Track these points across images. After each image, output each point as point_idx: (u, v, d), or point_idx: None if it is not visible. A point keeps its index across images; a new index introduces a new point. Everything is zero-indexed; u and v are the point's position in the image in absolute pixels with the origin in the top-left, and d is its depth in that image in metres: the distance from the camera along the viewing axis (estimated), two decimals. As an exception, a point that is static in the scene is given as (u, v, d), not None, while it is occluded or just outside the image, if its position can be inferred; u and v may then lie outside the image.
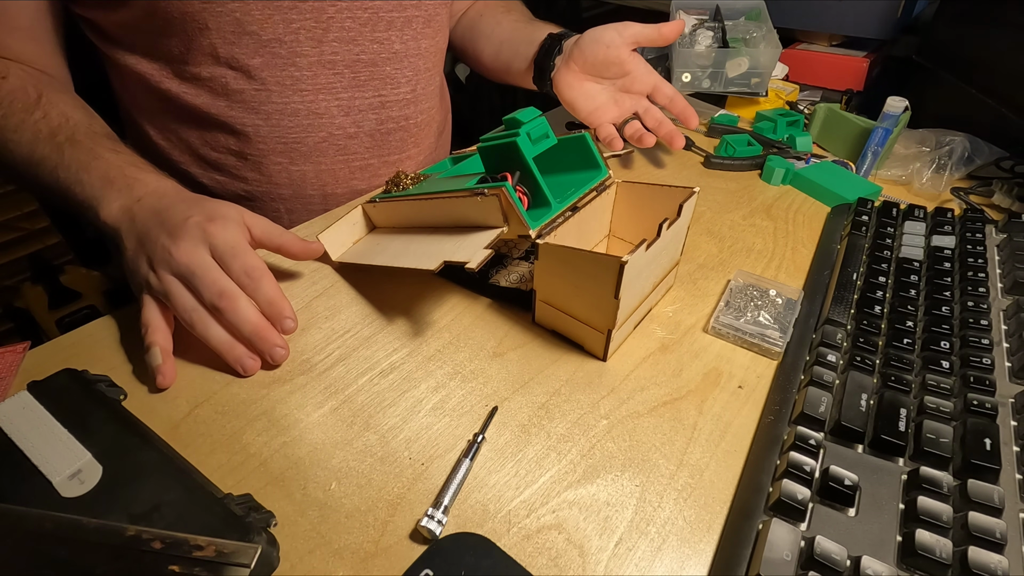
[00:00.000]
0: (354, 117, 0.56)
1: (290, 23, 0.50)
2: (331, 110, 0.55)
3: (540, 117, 0.39)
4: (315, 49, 0.51)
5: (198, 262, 0.37)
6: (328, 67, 0.53)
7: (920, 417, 0.33)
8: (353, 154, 0.58)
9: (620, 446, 0.34)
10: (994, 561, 0.26)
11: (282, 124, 0.54)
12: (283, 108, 0.53)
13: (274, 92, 0.52)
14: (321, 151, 0.56)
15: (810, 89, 0.81)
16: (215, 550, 0.25)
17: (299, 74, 0.52)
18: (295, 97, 0.53)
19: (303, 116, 0.54)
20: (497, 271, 0.47)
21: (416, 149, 0.63)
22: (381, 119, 0.58)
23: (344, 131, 0.56)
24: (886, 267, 0.46)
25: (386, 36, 0.55)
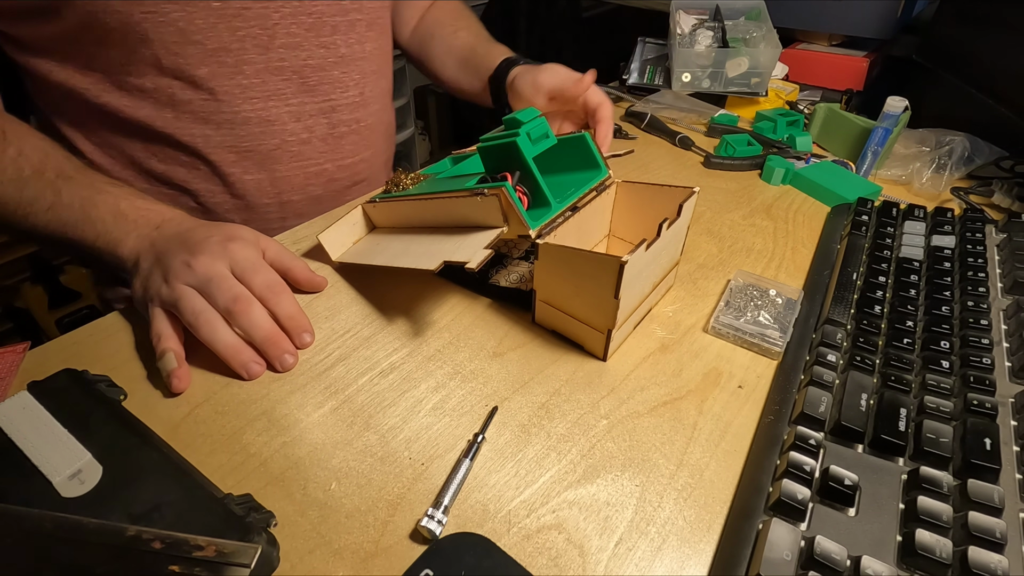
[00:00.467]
0: (305, 122, 0.56)
1: (236, 31, 0.49)
2: (282, 117, 0.54)
3: (540, 117, 0.39)
4: (262, 56, 0.51)
5: (216, 271, 0.38)
6: (276, 73, 0.52)
7: (920, 417, 0.33)
8: (307, 160, 0.57)
9: (620, 446, 0.34)
10: (994, 561, 0.26)
11: (233, 133, 0.53)
12: (233, 117, 0.52)
13: (223, 101, 0.51)
14: (275, 158, 0.55)
15: (810, 89, 0.81)
16: (215, 550, 0.25)
17: (247, 82, 0.51)
18: (245, 105, 0.52)
19: (254, 124, 0.53)
20: (497, 271, 0.47)
21: (369, 152, 0.63)
22: (332, 123, 0.58)
23: (297, 137, 0.56)
24: (886, 267, 0.46)
25: (331, 40, 0.55)
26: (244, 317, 0.37)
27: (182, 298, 0.37)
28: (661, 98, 0.77)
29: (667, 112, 0.75)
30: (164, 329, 0.38)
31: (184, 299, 0.37)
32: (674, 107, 0.76)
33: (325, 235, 0.47)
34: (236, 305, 0.37)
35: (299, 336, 0.40)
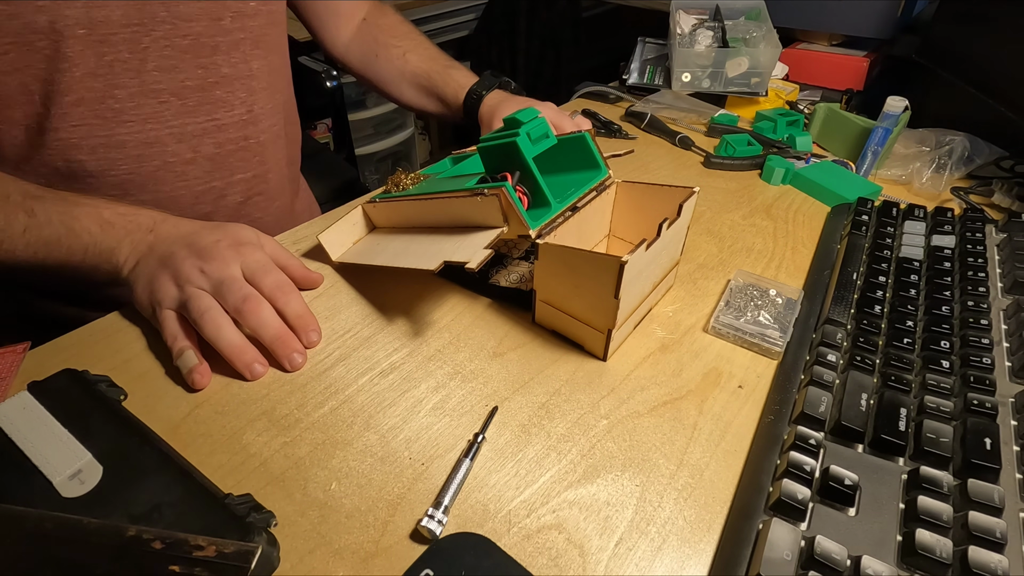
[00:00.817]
0: (189, 143, 0.54)
1: (102, 56, 0.47)
2: (162, 139, 0.52)
3: (540, 117, 0.39)
4: (135, 80, 0.49)
5: (228, 274, 0.38)
6: (152, 96, 0.50)
7: (920, 417, 0.33)
8: (193, 179, 0.55)
9: (620, 446, 0.34)
10: (994, 561, 0.26)
11: (109, 157, 0.50)
12: (107, 141, 0.50)
13: (95, 126, 0.49)
14: (158, 179, 0.53)
15: (810, 89, 0.81)
16: (215, 550, 0.25)
17: (119, 106, 0.49)
18: (119, 129, 0.50)
19: (132, 147, 0.51)
20: (497, 271, 0.47)
21: (263, 167, 0.61)
22: (219, 142, 0.56)
23: (180, 157, 0.54)
24: (886, 267, 0.46)
25: (211, 61, 0.53)
26: (254, 316, 0.38)
27: (192, 298, 0.38)
28: (661, 98, 0.77)
29: (667, 112, 0.75)
30: (178, 330, 0.38)
31: (193, 299, 0.38)
32: (674, 107, 0.76)
33: (325, 235, 0.47)
34: (246, 305, 0.38)
35: (307, 334, 0.40)
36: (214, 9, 0.51)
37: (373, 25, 0.72)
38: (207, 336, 0.37)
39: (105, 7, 0.45)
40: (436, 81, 0.67)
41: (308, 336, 0.40)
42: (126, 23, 0.46)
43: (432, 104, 0.69)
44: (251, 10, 0.54)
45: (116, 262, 0.41)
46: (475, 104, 0.62)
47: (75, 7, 0.44)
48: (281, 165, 0.64)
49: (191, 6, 0.49)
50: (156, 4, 0.47)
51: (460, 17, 1.80)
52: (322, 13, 0.70)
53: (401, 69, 0.69)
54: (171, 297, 0.39)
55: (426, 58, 0.69)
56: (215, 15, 0.51)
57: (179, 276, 0.39)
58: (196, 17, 0.50)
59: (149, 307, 0.40)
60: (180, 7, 0.49)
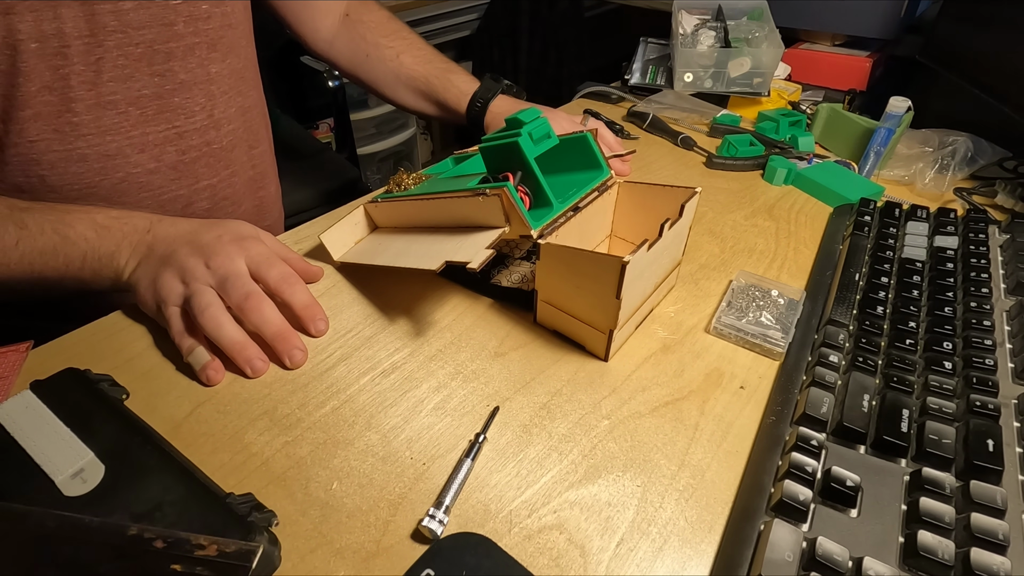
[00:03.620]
0: (151, 152, 0.53)
1: (57, 69, 0.46)
2: (124, 150, 0.51)
3: (542, 117, 0.39)
4: (90, 92, 0.48)
5: (233, 269, 0.39)
6: (110, 107, 0.49)
7: (922, 418, 0.33)
8: (158, 189, 0.54)
9: (622, 446, 0.34)
10: (996, 563, 0.26)
11: (70, 171, 0.49)
12: (67, 155, 0.48)
13: (53, 141, 0.48)
14: (122, 191, 0.52)
15: (812, 89, 0.81)
16: (217, 549, 0.25)
17: (77, 119, 0.48)
18: (79, 143, 0.49)
19: (93, 160, 0.50)
20: (499, 271, 0.47)
21: (227, 171, 0.60)
22: (181, 149, 0.55)
23: (143, 167, 0.52)
24: (888, 267, 0.46)
25: (167, 68, 0.51)
26: (256, 313, 0.38)
27: (195, 294, 0.38)
28: (663, 98, 0.77)
29: (669, 112, 0.75)
30: (185, 327, 0.39)
31: (196, 295, 0.38)
32: (676, 107, 0.76)
33: (327, 235, 0.47)
34: (248, 302, 0.38)
35: (315, 323, 0.41)
36: (165, 15, 0.49)
37: (359, 22, 0.69)
38: (208, 333, 0.38)
39: (56, 20, 0.44)
40: (435, 86, 0.66)
41: (316, 325, 0.41)
42: (77, 35, 0.45)
43: (431, 108, 0.68)
44: (203, 13, 0.52)
45: (116, 266, 0.41)
46: (480, 112, 0.62)
47: (26, 21, 0.43)
48: (245, 168, 0.62)
49: (141, 13, 0.48)
50: (106, 14, 0.46)
51: (462, 17, 1.81)
52: (296, 9, 0.68)
53: (396, 72, 0.67)
54: (176, 294, 0.39)
55: (422, 60, 0.67)
56: (166, 21, 0.50)
57: (184, 273, 0.39)
58: (147, 24, 0.49)
59: (154, 305, 0.40)
60: (130, 15, 0.47)
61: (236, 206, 0.62)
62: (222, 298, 0.39)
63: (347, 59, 0.70)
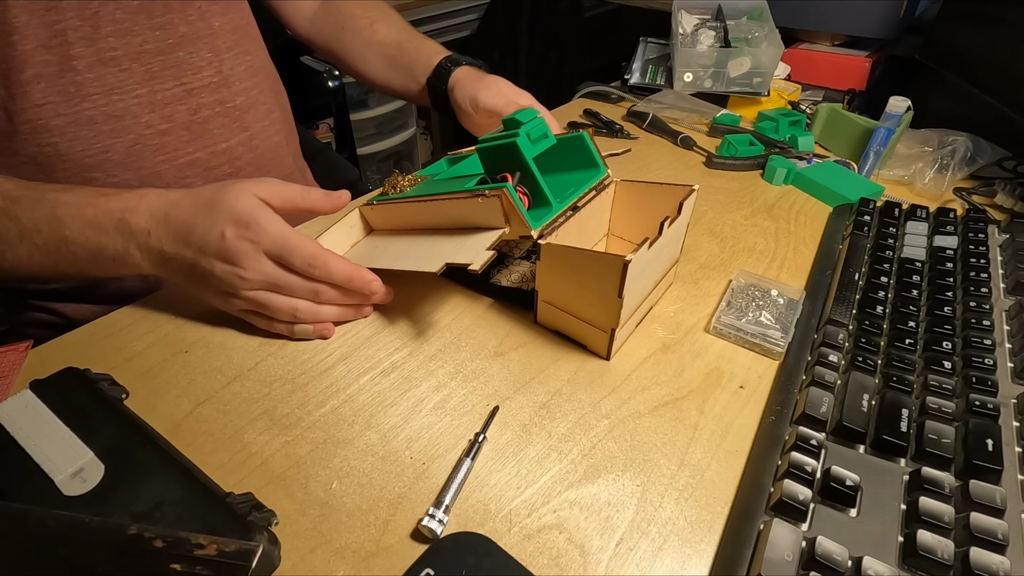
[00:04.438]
0: (161, 112, 0.51)
1: (52, 25, 0.44)
2: (132, 110, 0.49)
3: (539, 117, 0.39)
4: (90, 48, 0.46)
5: (273, 274, 0.38)
6: (112, 64, 0.48)
7: (922, 417, 0.33)
8: (173, 151, 0.52)
9: (621, 446, 0.34)
10: (996, 562, 0.26)
11: (80, 136, 0.48)
12: (76, 119, 0.47)
13: (59, 104, 0.46)
14: (136, 155, 0.50)
15: (812, 89, 0.81)
16: (217, 549, 0.25)
17: (80, 79, 0.46)
18: (85, 104, 0.47)
19: (101, 122, 0.48)
20: (498, 271, 0.47)
21: (245, 134, 0.58)
22: (192, 108, 0.53)
23: (154, 128, 0.51)
24: (888, 267, 0.46)
25: (167, 20, 0.50)
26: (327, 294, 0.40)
27: (268, 304, 0.39)
28: (663, 98, 0.77)
29: (669, 112, 0.75)
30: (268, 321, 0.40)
31: (271, 304, 0.39)
32: (676, 107, 0.76)
33: (323, 239, 0.47)
34: (320, 297, 0.40)
35: (368, 287, 0.40)
36: None
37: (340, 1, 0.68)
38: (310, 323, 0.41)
39: None
40: (406, 50, 0.63)
41: (371, 287, 0.40)
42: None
43: (398, 77, 0.65)
44: None
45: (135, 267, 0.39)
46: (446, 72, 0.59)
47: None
48: (269, 133, 0.61)
49: None
50: None
51: (462, 17, 1.80)
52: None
53: (368, 40, 0.65)
54: (237, 308, 0.40)
55: (396, 29, 0.65)
56: None
57: (224, 286, 0.38)
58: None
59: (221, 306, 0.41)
60: None
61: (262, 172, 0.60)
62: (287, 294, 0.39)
63: (325, 35, 0.68)
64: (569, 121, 0.75)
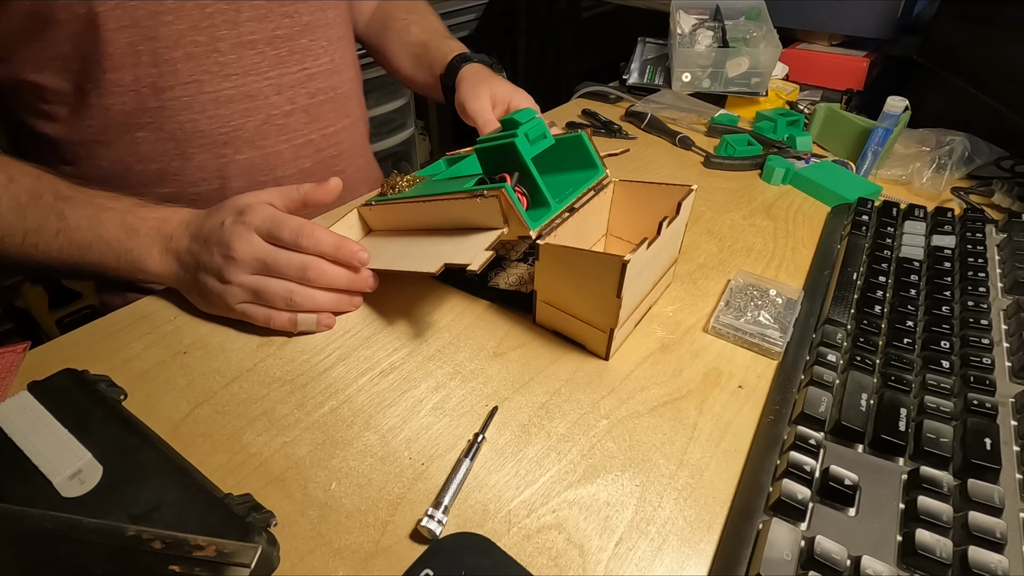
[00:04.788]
0: (287, 94, 0.57)
1: (203, 8, 0.49)
2: (263, 91, 0.55)
3: (538, 118, 0.39)
4: (232, 32, 0.51)
5: (261, 250, 0.39)
6: (249, 47, 0.53)
7: (920, 417, 0.33)
8: (293, 132, 0.58)
9: (620, 446, 0.34)
10: (994, 561, 0.26)
11: (218, 114, 0.53)
12: (216, 97, 0.52)
13: (204, 82, 0.51)
14: (263, 134, 0.56)
15: (810, 89, 0.81)
16: (215, 550, 0.25)
17: (223, 59, 0.52)
18: (225, 84, 0.52)
19: (238, 101, 0.54)
20: (496, 273, 0.47)
21: (348, 119, 0.64)
22: (311, 92, 0.59)
23: (280, 110, 0.57)
24: (886, 267, 0.46)
25: (294, 8, 0.55)
26: (323, 278, 0.40)
27: (262, 288, 0.39)
28: (661, 98, 0.77)
29: (667, 112, 0.75)
30: (267, 313, 0.40)
31: (266, 288, 0.39)
32: (674, 107, 0.76)
33: None
34: (309, 272, 0.39)
35: (357, 256, 0.40)
36: None
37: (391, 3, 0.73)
38: (307, 308, 0.40)
39: None
40: (431, 48, 0.67)
41: (359, 257, 0.40)
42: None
43: (422, 74, 0.69)
44: None
45: (150, 271, 0.42)
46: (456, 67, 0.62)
47: None
48: (361, 121, 0.67)
49: None
50: None
51: (460, 17, 1.80)
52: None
53: (403, 40, 0.70)
54: (235, 294, 0.39)
55: (427, 30, 0.70)
56: None
57: (220, 273, 0.39)
58: None
59: (215, 308, 0.41)
60: None
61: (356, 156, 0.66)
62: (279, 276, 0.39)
63: (372, 37, 0.74)
64: (567, 121, 0.75)
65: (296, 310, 0.40)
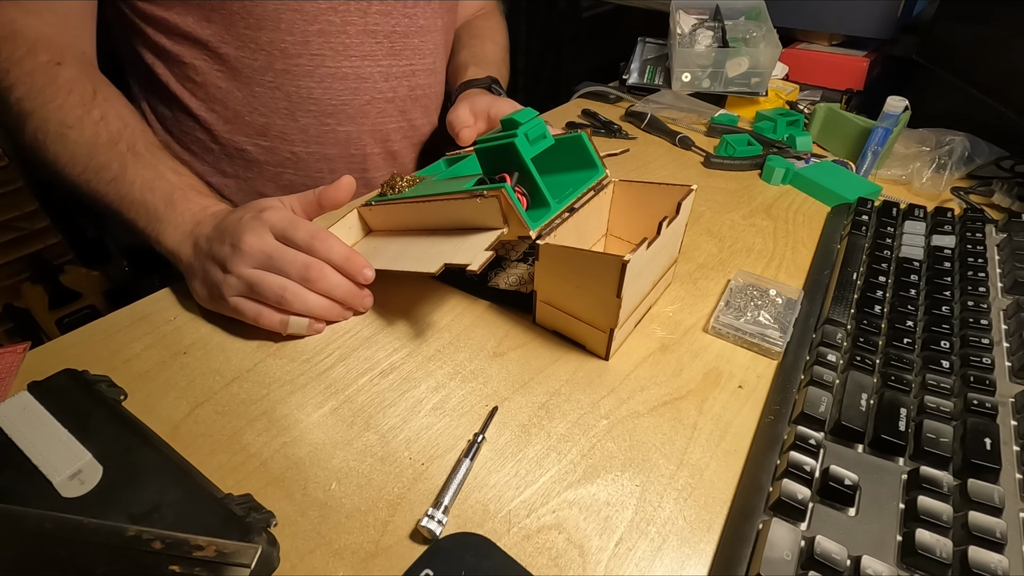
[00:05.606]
0: (392, 83, 0.62)
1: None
2: (374, 75, 0.60)
3: (537, 118, 0.39)
4: (361, 19, 0.57)
5: (270, 246, 0.39)
6: (371, 36, 0.58)
7: (920, 417, 0.33)
8: (389, 117, 0.64)
9: (620, 446, 0.34)
10: (994, 561, 0.26)
11: (333, 88, 0.58)
12: (335, 72, 0.58)
13: (327, 57, 0.57)
14: (364, 113, 0.62)
15: (810, 89, 0.81)
16: (215, 550, 0.25)
17: (348, 41, 0.57)
18: (345, 63, 0.58)
19: (351, 80, 0.59)
20: (496, 274, 0.47)
21: (432, 118, 0.69)
22: (411, 86, 0.64)
23: (384, 95, 0.62)
24: (886, 267, 0.46)
25: (414, 11, 0.61)
26: (323, 282, 0.39)
27: (258, 282, 0.39)
28: (661, 98, 0.77)
29: (667, 112, 0.75)
30: (258, 309, 0.40)
31: (261, 282, 0.39)
32: (674, 107, 0.76)
33: None
34: (311, 272, 0.39)
35: (361, 273, 0.41)
36: None
37: (472, 24, 0.79)
38: (296, 308, 0.39)
39: None
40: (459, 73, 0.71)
41: (364, 274, 0.41)
42: None
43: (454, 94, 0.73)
44: None
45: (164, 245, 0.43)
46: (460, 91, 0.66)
47: None
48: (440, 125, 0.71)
49: None
50: None
51: (460, 17, 1.80)
52: None
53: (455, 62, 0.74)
54: (231, 284, 0.39)
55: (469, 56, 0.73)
56: None
57: (224, 262, 0.39)
58: None
59: (211, 300, 0.41)
60: None
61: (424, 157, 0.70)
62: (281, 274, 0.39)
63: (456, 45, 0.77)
64: (567, 121, 0.75)
65: (286, 309, 0.40)
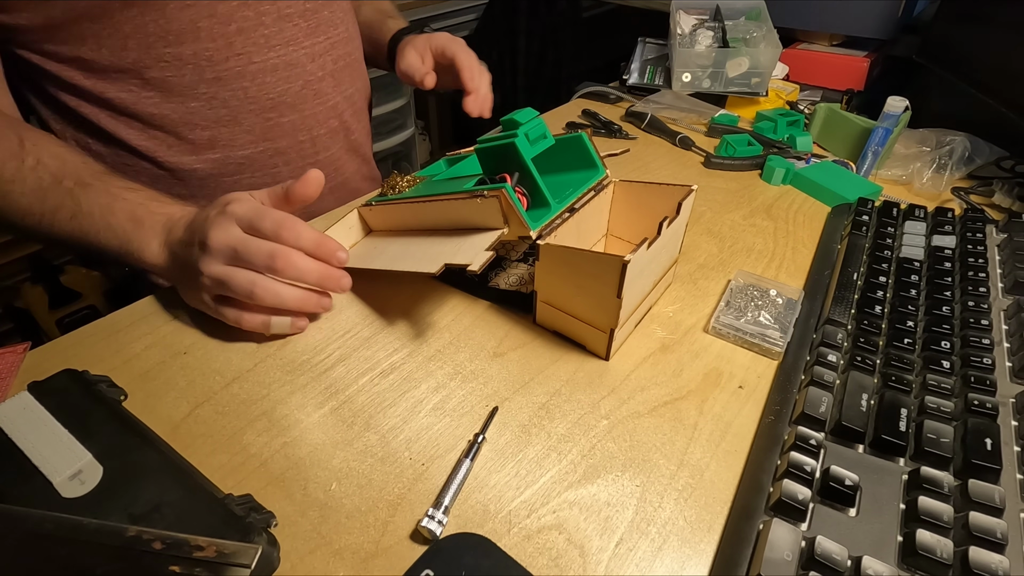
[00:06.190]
0: (318, 62, 0.61)
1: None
2: (301, 59, 0.59)
3: (538, 118, 0.39)
4: (273, 6, 0.56)
5: (235, 238, 0.38)
6: (287, 21, 0.57)
7: (921, 417, 0.33)
8: (325, 96, 0.63)
9: (621, 446, 0.34)
10: (995, 561, 0.26)
11: (267, 82, 0.57)
12: (263, 66, 0.57)
13: (253, 53, 0.56)
14: (303, 98, 0.61)
15: (810, 89, 0.81)
16: (216, 550, 0.25)
17: (267, 32, 0.56)
18: (270, 54, 0.57)
19: (281, 69, 0.58)
20: (496, 274, 0.47)
21: (361, 83, 0.69)
22: (335, 58, 0.63)
23: (315, 75, 0.61)
24: (887, 267, 0.46)
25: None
26: (291, 269, 0.37)
27: (227, 279, 0.38)
28: (661, 98, 0.77)
29: (667, 112, 0.75)
30: (238, 311, 0.39)
31: (231, 279, 0.37)
32: (674, 107, 0.76)
33: None
34: (276, 261, 0.37)
35: (335, 255, 0.39)
36: None
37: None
38: (269, 302, 0.38)
39: None
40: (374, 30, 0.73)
41: (337, 256, 0.39)
42: None
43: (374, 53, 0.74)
44: None
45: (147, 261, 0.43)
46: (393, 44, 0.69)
47: None
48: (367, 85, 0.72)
49: None
50: None
51: (460, 17, 1.81)
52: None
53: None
54: (207, 285, 0.39)
55: (374, 10, 0.75)
56: None
57: (197, 264, 0.39)
58: None
59: (202, 305, 0.41)
60: None
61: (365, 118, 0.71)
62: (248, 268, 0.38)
63: None
64: (568, 121, 0.75)
65: (259, 305, 0.38)
